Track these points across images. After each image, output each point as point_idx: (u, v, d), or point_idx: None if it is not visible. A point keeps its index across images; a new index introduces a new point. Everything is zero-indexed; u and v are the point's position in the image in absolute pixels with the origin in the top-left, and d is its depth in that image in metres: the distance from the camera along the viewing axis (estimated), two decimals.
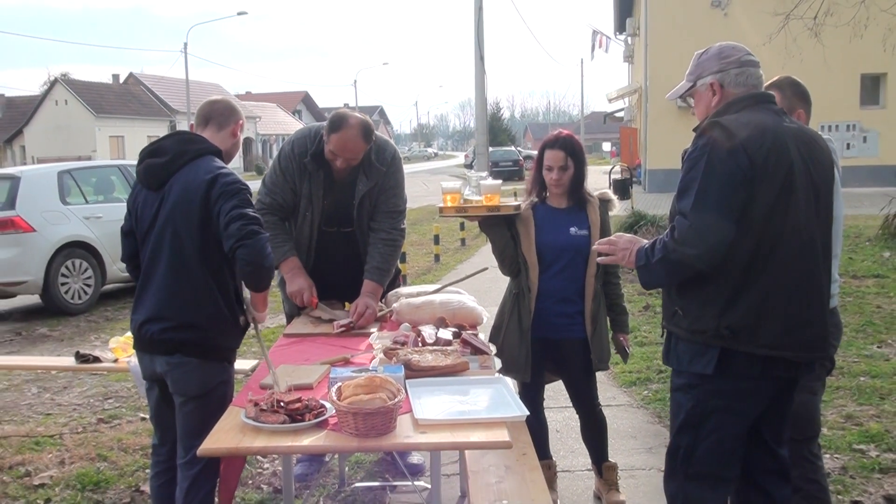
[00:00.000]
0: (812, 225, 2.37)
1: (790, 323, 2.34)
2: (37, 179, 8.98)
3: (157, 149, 2.91)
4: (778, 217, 2.31)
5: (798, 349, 2.37)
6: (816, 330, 2.40)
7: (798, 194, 2.33)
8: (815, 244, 2.38)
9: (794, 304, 2.34)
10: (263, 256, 2.68)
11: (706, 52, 2.57)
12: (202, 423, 2.65)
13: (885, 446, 4.10)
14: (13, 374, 6.12)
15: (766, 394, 2.44)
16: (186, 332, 2.78)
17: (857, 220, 12.73)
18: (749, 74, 2.47)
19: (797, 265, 2.34)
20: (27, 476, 4.09)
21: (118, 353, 4.16)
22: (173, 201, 2.79)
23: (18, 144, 46.05)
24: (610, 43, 29.96)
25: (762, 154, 2.29)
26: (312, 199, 3.72)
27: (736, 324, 2.33)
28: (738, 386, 2.39)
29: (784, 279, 2.33)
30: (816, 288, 2.39)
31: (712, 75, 2.50)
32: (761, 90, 2.50)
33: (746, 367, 2.36)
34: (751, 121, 2.35)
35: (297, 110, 66.83)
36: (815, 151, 2.43)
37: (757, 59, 2.53)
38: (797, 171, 2.33)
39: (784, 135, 2.36)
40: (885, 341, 6.14)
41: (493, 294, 8.12)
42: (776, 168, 2.30)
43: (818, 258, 2.39)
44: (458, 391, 2.59)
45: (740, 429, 2.46)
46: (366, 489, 3.86)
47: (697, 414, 2.46)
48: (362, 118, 3.59)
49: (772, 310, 2.32)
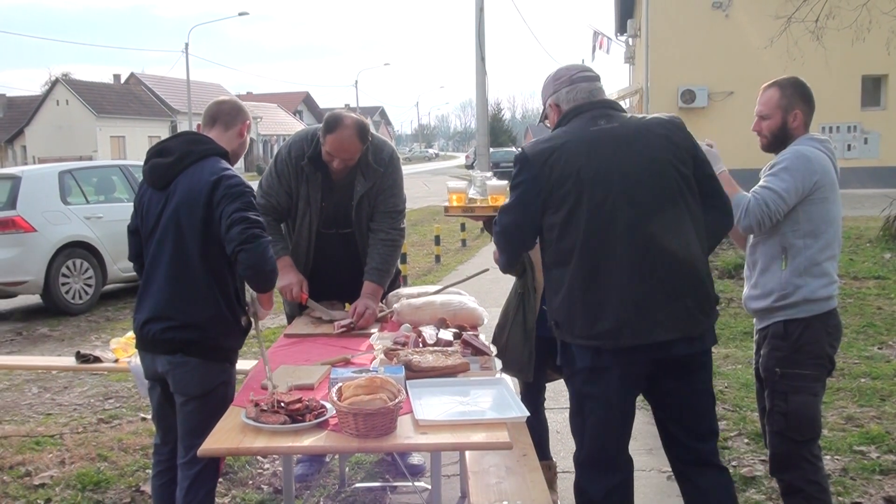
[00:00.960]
0: (615, 221, 2.47)
1: (591, 317, 2.49)
2: (38, 179, 8.99)
3: (164, 149, 2.92)
4: (573, 219, 2.49)
5: (601, 339, 2.48)
6: (613, 323, 2.46)
7: (591, 197, 2.47)
8: (617, 240, 2.47)
9: (590, 299, 2.49)
10: (265, 260, 2.68)
11: (548, 76, 2.78)
12: (203, 423, 2.66)
13: (885, 448, 4.10)
14: (14, 374, 6.12)
15: (620, 383, 2.54)
16: (188, 331, 2.79)
17: (857, 221, 12.73)
18: (579, 90, 2.67)
19: (595, 263, 2.49)
20: (27, 476, 4.09)
21: (119, 353, 4.16)
22: (177, 202, 2.80)
23: (19, 144, 46.09)
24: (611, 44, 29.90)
25: (546, 169, 2.52)
26: (311, 201, 3.72)
27: (558, 318, 2.58)
28: (584, 375, 2.57)
29: (582, 276, 2.50)
30: (622, 283, 2.47)
31: (551, 97, 2.74)
32: (589, 100, 2.65)
33: (580, 357, 2.55)
34: (550, 138, 2.60)
35: (298, 111, 66.85)
36: (630, 144, 2.53)
37: (594, 73, 2.73)
38: (586, 176, 2.49)
39: (579, 143, 2.53)
40: (886, 343, 6.14)
41: (493, 295, 8.15)
42: (561, 179, 2.50)
43: (623, 253, 2.47)
44: (459, 392, 2.59)
45: (611, 416, 2.58)
46: (366, 490, 3.86)
47: (574, 403, 2.66)
48: (357, 118, 3.59)
49: (577, 304, 2.51)
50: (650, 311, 2.46)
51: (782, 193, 2.82)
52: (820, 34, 10.54)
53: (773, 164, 2.93)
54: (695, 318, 2.52)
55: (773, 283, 2.94)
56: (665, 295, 2.47)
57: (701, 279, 2.56)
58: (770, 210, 2.82)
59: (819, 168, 2.87)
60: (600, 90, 2.69)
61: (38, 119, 44.86)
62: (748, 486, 3.75)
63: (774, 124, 2.99)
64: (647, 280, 2.47)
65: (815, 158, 2.88)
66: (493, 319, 3.62)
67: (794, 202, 2.84)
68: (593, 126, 2.57)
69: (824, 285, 2.91)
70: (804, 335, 2.90)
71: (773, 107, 2.98)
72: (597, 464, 2.63)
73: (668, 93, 21.62)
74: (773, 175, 2.88)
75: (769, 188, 2.84)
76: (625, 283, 2.46)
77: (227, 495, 3.85)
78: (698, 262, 2.55)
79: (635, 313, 2.46)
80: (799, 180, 2.83)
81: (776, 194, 2.82)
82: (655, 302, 2.47)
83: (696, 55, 21.19)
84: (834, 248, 2.95)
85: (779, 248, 2.92)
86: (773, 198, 2.82)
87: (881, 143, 21.39)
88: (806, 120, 2.99)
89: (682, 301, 2.49)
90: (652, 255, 2.47)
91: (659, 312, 2.47)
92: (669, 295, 2.48)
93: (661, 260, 2.48)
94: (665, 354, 2.51)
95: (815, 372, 2.92)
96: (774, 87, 3.00)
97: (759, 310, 3.01)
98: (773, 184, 2.84)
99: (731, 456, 4.09)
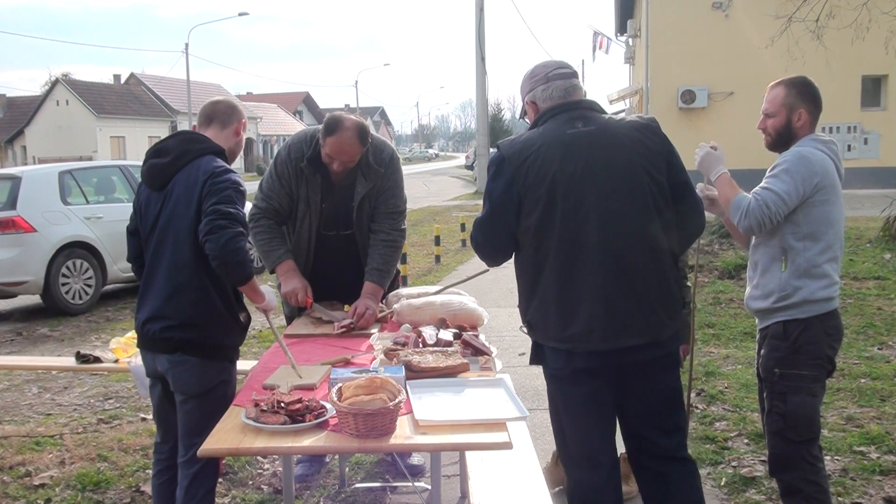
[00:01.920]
0: (588, 224, 2.49)
1: (564, 320, 2.52)
2: (38, 179, 8.99)
3: (161, 149, 2.94)
4: (547, 223, 2.51)
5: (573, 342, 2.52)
6: (590, 324, 2.49)
7: (565, 200, 2.49)
8: (590, 244, 2.49)
9: (565, 301, 2.52)
10: (228, 251, 2.66)
11: (525, 73, 2.77)
12: (202, 422, 2.68)
13: (885, 448, 4.09)
14: (14, 374, 6.12)
15: (591, 384, 2.57)
16: (187, 331, 2.80)
17: (857, 221, 12.72)
18: (555, 87, 2.66)
19: (568, 266, 2.51)
20: (27, 476, 4.09)
21: (119, 353, 4.16)
22: (174, 201, 2.83)
23: (19, 144, 46.09)
24: (611, 44, 29.94)
25: (522, 170, 2.53)
26: (310, 203, 3.71)
27: (531, 319, 2.62)
28: (558, 375, 2.61)
29: (556, 279, 2.53)
30: (595, 286, 2.49)
31: (528, 94, 2.74)
32: (569, 100, 2.64)
33: (553, 359, 2.59)
34: (526, 138, 2.59)
35: (298, 111, 66.86)
36: (604, 148, 2.53)
37: (570, 70, 2.71)
38: (561, 179, 2.49)
39: (554, 145, 2.53)
40: (886, 343, 6.13)
41: (493, 295, 8.15)
42: (536, 181, 2.51)
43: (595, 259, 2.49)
44: (459, 392, 2.59)
45: (587, 415, 2.61)
46: (366, 490, 3.86)
47: (551, 404, 2.71)
48: (357, 120, 3.58)
49: (551, 307, 2.54)
50: (620, 315, 2.51)
51: (783, 195, 2.82)
52: (820, 34, 10.54)
53: (775, 165, 2.93)
54: (662, 324, 2.57)
55: (773, 285, 2.94)
56: (635, 301, 2.52)
57: (669, 285, 2.61)
58: (771, 211, 2.82)
59: (820, 170, 2.86)
60: (576, 88, 2.69)
61: (38, 119, 44.86)
62: (748, 486, 3.75)
63: (779, 123, 2.99)
64: (617, 286, 2.50)
65: (817, 160, 2.87)
66: (493, 320, 3.61)
67: (795, 204, 2.84)
68: (570, 129, 2.57)
69: (824, 287, 2.90)
70: (803, 336, 2.90)
71: (779, 105, 2.98)
72: (581, 461, 2.66)
73: (668, 93, 21.61)
74: (774, 176, 2.88)
75: (770, 189, 2.84)
76: (596, 288, 2.50)
77: (227, 495, 3.85)
78: (667, 267, 2.61)
79: (605, 318, 2.50)
80: (799, 182, 2.83)
81: (777, 195, 2.82)
82: (625, 307, 2.51)
83: (696, 55, 21.17)
84: (835, 249, 2.94)
85: (779, 250, 2.92)
86: (774, 199, 2.82)
87: (881, 144, 21.37)
88: (811, 120, 2.98)
89: (650, 307, 2.54)
90: (623, 262, 2.51)
91: (628, 317, 2.51)
92: (639, 301, 2.53)
93: (631, 266, 2.52)
94: (633, 358, 2.56)
95: (813, 373, 2.92)
96: (781, 86, 3.00)
97: (760, 310, 3.01)
98: (774, 185, 2.84)
99: (731, 456, 4.09)
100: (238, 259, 2.70)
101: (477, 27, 22.70)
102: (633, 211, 2.53)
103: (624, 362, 2.56)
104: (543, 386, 2.79)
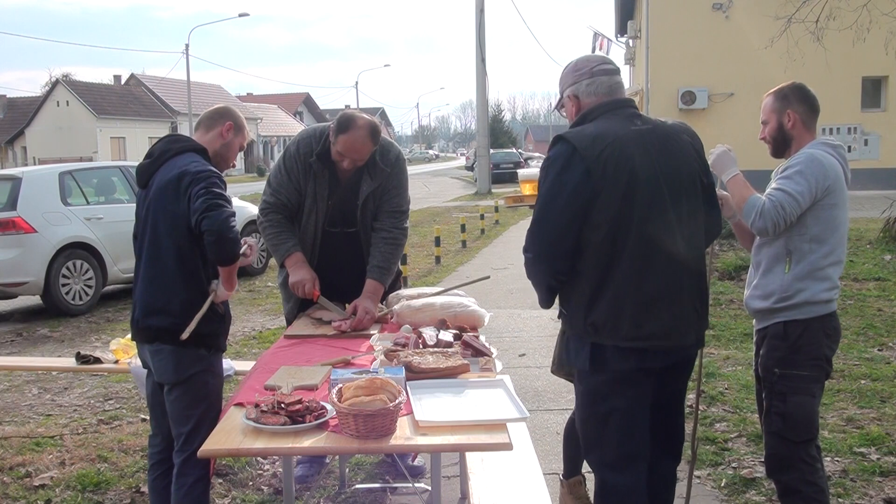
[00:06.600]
0: (662, 222, 2.48)
1: (640, 317, 2.46)
2: (38, 180, 9.00)
3: (150, 151, 3.08)
4: (624, 219, 2.44)
5: (650, 340, 2.48)
6: (666, 323, 2.49)
7: (643, 196, 2.45)
8: (664, 242, 2.48)
9: (641, 300, 2.46)
10: (227, 227, 2.73)
11: (567, 65, 2.71)
12: (185, 411, 2.82)
13: (885, 449, 4.09)
14: (14, 375, 6.12)
15: (648, 382, 2.56)
16: (160, 318, 2.87)
17: (857, 222, 12.72)
18: (599, 83, 2.61)
19: (645, 264, 2.46)
20: (27, 477, 4.09)
21: (119, 354, 4.17)
22: (153, 196, 2.93)
23: (20, 145, 46.12)
24: (611, 45, 29.95)
25: (600, 163, 2.42)
26: (317, 198, 3.74)
27: (597, 320, 2.49)
28: (621, 376, 2.52)
29: (632, 277, 2.46)
30: (667, 285, 2.49)
31: (570, 87, 2.66)
32: (615, 97, 2.61)
33: (619, 360, 2.49)
34: (594, 131, 2.49)
35: (299, 112, 66.90)
36: (669, 149, 2.53)
37: (614, 66, 2.67)
38: (640, 174, 2.45)
39: (627, 140, 2.48)
40: (886, 344, 6.13)
41: (493, 296, 8.15)
42: (616, 174, 2.43)
43: (670, 255, 2.49)
44: (459, 393, 2.59)
45: (635, 415, 2.57)
46: (366, 491, 3.86)
47: (600, 405, 2.58)
48: (370, 119, 3.62)
49: (625, 305, 2.46)
50: (684, 314, 2.54)
51: (797, 196, 2.83)
52: (820, 35, 10.54)
53: (786, 167, 2.94)
54: (703, 323, 2.65)
55: (774, 285, 2.94)
56: (690, 299, 2.57)
57: (706, 286, 2.69)
58: (786, 212, 2.84)
59: (832, 173, 2.89)
60: (620, 85, 2.66)
61: (39, 120, 44.89)
62: (748, 487, 3.75)
63: (772, 128, 3.05)
64: (684, 286, 2.54)
65: (828, 164, 2.90)
66: (493, 320, 3.61)
67: (808, 205, 2.86)
68: (632, 125, 2.54)
69: (826, 289, 2.92)
70: (803, 336, 2.91)
71: (769, 112, 3.06)
72: (619, 462, 2.59)
73: (668, 94, 21.62)
74: (787, 178, 2.89)
75: (784, 190, 2.86)
76: (667, 287, 2.50)
77: (227, 496, 3.85)
78: (704, 269, 2.68)
79: (676, 317, 2.52)
80: (813, 183, 2.85)
81: (791, 196, 2.84)
82: (685, 306, 2.55)
83: (697, 56, 21.19)
84: (838, 253, 2.96)
85: (784, 251, 2.93)
86: (789, 200, 2.83)
87: (881, 145, 21.38)
88: (804, 120, 3.00)
89: (696, 305, 2.60)
90: (682, 260, 2.53)
91: (688, 316, 2.56)
92: (693, 299, 2.58)
93: (687, 265, 2.55)
94: (681, 357, 2.63)
95: (812, 373, 2.93)
96: (770, 95, 3.09)
97: (760, 310, 3.02)
98: (788, 186, 2.86)
99: (731, 457, 4.09)
100: (232, 236, 2.77)
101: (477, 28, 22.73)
102: (695, 211, 2.57)
103: (676, 361, 2.61)
104: (543, 386, 2.79)
